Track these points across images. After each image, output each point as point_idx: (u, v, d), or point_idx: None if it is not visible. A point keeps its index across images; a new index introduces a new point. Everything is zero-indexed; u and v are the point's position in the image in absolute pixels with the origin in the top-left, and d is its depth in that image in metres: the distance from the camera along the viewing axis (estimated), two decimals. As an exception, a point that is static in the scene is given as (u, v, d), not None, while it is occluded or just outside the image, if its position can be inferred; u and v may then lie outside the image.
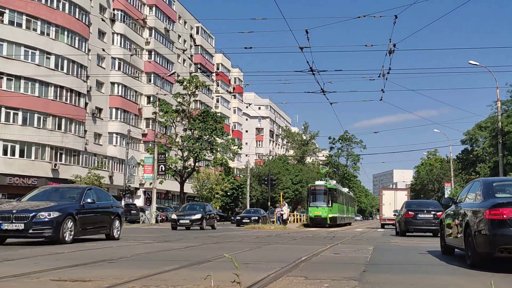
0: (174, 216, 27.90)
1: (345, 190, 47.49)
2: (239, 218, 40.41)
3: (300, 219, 43.37)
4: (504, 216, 7.08)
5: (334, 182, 41.57)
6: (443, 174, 76.11)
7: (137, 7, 57.80)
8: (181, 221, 26.99)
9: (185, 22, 69.73)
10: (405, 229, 20.81)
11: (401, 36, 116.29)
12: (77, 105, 46.37)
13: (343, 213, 40.89)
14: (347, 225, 43.02)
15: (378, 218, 58.71)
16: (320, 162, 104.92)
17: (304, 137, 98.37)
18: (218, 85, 72.64)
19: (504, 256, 7.16)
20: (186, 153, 46.72)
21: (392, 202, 37.49)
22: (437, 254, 10.63)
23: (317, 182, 38.87)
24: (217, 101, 78.69)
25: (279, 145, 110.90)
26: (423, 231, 21.10)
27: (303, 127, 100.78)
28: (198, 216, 27.19)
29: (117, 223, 14.94)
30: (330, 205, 35.41)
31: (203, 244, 13.57)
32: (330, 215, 35.11)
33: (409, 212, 20.86)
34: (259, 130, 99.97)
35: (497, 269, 7.52)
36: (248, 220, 38.51)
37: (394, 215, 29.46)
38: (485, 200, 7.75)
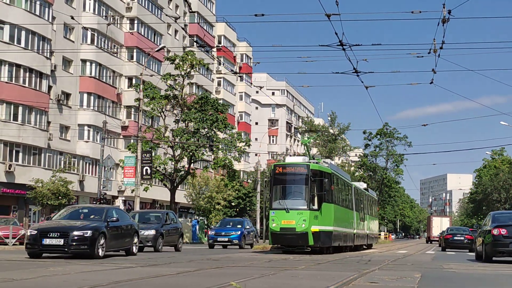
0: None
1: (360, 185, 36.70)
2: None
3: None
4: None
5: (330, 162, 28.65)
6: (512, 180, 75.71)
7: (115, -37, 57.94)
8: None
9: (177, -18, 69.79)
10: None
11: (458, 0, 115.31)
12: (38, 89, 46.57)
13: (350, 225, 29.79)
14: (361, 248, 34.48)
15: (425, 237, 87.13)
16: (352, 164, 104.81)
17: (331, 131, 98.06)
18: (220, 64, 72.68)
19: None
20: (178, 152, 46.79)
21: (439, 226, 64.93)
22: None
23: (290, 159, 27.26)
24: (219, 84, 78.74)
25: (298, 141, 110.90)
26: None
27: (329, 118, 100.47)
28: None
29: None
30: (315, 206, 23.59)
31: (200, 269, 13.64)
32: (314, 228, 23.37)
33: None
34: (272, 122, 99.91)
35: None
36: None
37: (436, 236, 60.11)
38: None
